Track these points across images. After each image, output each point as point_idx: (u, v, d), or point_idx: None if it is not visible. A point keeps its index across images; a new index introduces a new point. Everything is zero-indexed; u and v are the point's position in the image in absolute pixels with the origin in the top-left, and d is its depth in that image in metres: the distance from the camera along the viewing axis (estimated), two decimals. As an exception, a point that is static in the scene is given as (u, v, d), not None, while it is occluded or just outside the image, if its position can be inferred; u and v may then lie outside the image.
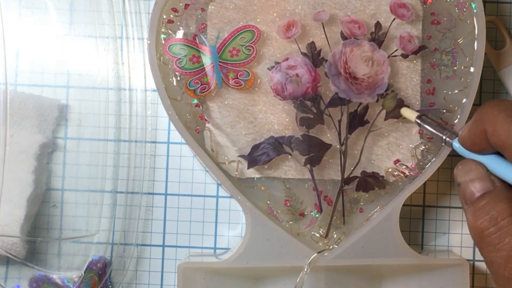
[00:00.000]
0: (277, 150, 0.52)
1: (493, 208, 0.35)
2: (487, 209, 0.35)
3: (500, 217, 0.35)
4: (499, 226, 0.34)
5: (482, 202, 0.36)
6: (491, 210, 0.35)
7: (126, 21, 0.57)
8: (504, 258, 0.34)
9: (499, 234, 0.34)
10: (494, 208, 0.35)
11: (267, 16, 0.53)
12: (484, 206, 0.35)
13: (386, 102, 0.52)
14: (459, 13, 0.53)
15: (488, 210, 0.35)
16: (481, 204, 0.36)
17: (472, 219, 0.36)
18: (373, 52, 0.52)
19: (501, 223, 0.34)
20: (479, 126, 0.36)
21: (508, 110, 0.35)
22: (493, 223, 0.35)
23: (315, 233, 0.53)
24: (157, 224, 0.57)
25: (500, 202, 0.35)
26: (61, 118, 0.56)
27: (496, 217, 0.35)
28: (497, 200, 0.35)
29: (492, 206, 0.35)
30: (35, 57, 0.56)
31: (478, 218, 0.35)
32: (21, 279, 0.55)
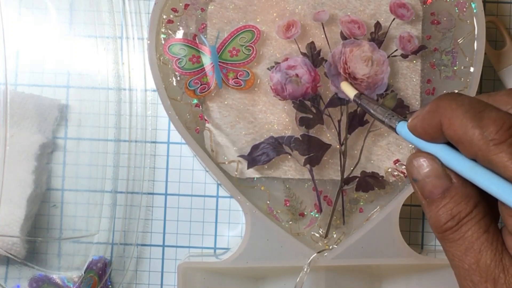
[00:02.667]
0: (277, 150, 0.52)
1: (454, 208, 0.37)
2: (448, 208, 0.37)
3: (461, 215, 0.37)
4: (460, 223, 0.37)
5: (443, 202, 0.37)
6: (453, 210, 0.37)
7: (126, 21, 0.57)
8: (463, 251, 0.36)
9: (459, 230, 0.37)
10: (455, 208, 0.37)
11: (267, 16, 0.53)
12: (445, 206, 0.37)
13: (386, 102, 0.52)
14: (459, 13, 0.53)
15: (449, 209, 0.37)
16: (442, 204, 0.37)
17: (434, 218, 0.37)
18: (373, 52, 0.52)
19: (462, 221, 0.37)
20: (434, 117, 0.37)
21: (466, 105, 0.36)
22: (456, 222, 0.37)
23: (315, 233, 0.53)
24: (157, 224, 0.57)
25: (460, 202, 0.37)
26: (61, 118, 0.56)
27: (458, 216, 0.37)
28: (457, 199, 0.37)
29: (453, 205, 0.37)
30: (35, 57, 0.56)
31: (441, 218, 0.37)
32: (21, 279, 0.55)
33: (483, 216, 0.36)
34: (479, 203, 0.37)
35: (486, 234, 0.36)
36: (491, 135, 0.34)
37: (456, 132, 0.35)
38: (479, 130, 0.34)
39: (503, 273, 0.35)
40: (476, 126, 0.34)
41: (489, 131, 0.34)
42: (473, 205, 0.37)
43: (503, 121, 0.34)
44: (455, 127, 0.35)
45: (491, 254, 0.36)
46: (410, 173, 0.39)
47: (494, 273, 0.35)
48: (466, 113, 0.35)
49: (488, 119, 0.34)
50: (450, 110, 0.36)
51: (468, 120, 0.35)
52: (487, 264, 0.36)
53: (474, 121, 0.35)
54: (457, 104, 0.36)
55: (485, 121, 0.34)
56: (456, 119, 0.35)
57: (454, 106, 0.36)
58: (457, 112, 0.35)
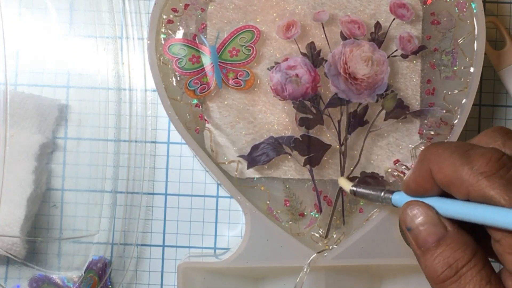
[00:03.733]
0: (277, 150, 0.52)
1: (451, 256, 0.35)
2: (445, 257, 0.35)
3: (459, 264, 0.35)
4: (459, 274, 0.35)
5: (439, 250, 0.36)
6: (449, 258, 0.35)
7: (126, 21, 0.57)
8: None
9: (459, 282, 0.35)
10: (452, 255, 0.35)
11: (267, 16, 0.53)
12: (441, 254, 0.36)
13: (386, 102, 0.52)
14: (459, 13, 0.53)
15: (445, 258, 0.35)
16: (438, 252, 0.36)
17: (430, 267, 0.36)
18: (373, 52, 0.52)
19: (461, 271, 0.35)
20: (424, 166, 0.37)
21: (452, 147, 0.35)
22: (453, 271, 0.35)
23: (314, 233, 0.53)
24: (157, 224, 0.57)
25: (457, 250, 0.35)
26: (61, 118, 0.56)
27: (456, 265, 0.35)
28: (454, 247, 0.35)
29: (450, 253, 0.35)
30: (35, 57, 0.56)
31: (437, 267, 0.35)
32: (21, 279, 0.55)
33: (483, 266, 0.35)
34: (478, 252, 0.35)
35: (489, 286, 0.34)
36: (481, 169, 0.33)
37: (445, 173, 0.35)
38: (468, 166, 0.34)
39: None
40: (464, 163, 0.34)
41: (478, 165, 0.34)
42: (471, 254, 0.35)
43: (491, 154, 0.34)
44: (444, 169, 0.35)
45: None
46: (404, 222, 0.38)
47: None
48: (453, 154, 0.35)
49: (476, 155, 0.34)
50: (437, 155, 0.36)
51: (456, 159, 0.34)
52: None
53: (462, 158, 0.34)
54: (443, 148, 0.36)
55: (473, 157, 0.34)
56: (444, 162, 0.35)
57: (440, 150, 0.36)
58: (444, 155, 0.35)
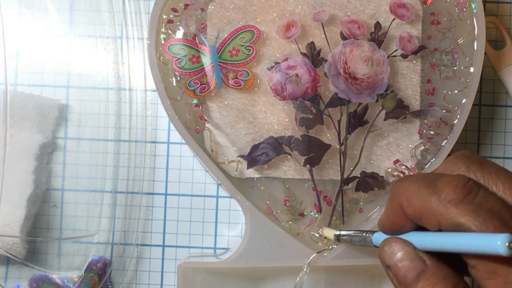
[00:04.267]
0: (277, 150, 0.52)
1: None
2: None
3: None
4: None
5: (420, 284, 0.36)
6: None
7: (126, 21, 0.57)
8: None
9: None
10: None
11: (266, 16, 0.53)
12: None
13: (386, 102, 0.52)
14: (459, 13, 0.53)
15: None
16: (418, 286, 0.36)
17: None
18: (372, 52, 0.52)
19: None
20: (394, 202, 0.36)
21: (418, 180, 0.35)
22: None
23: (314, 233, 0.53)
24: (157, 224, 0.57)
25: (438, 283, 0.35)
26: (61, 118, 0.56)
27: None
28: (434, 281, 0.35)
29: (430, 287, 0.35)
30: (35, 57, 0.56)
31: None
32: (21, 279, 0.55)
33: None
34: (459, 284, 0.35)
35: None
36: (449, 197, 0.33)
37: (415, 206, 0.35)
38: (436, 196, 0.34)
39: None
40: (432, 193, 0.34)
41: (445, 194, 0.33)
42: (452, 286, 0.35)
43: (457, 180, 0.34)
44: (413, 202, 0.35)
45: None
46: (383, 259, 0.37)
47: None
48: (420, 186, 0.35)
49: (442, 183, 0.34)
50: (404, 189, 0.36)
51: (423, 191, 0.34)
52: None
53: (429, 189, 0.34)
54: (409, 181, 0.36)
55: (440, 186, 0.34)
56: (412, 195, 0.35)
57: (407, 184, 0.36)
58: (411, 188, 0.35)
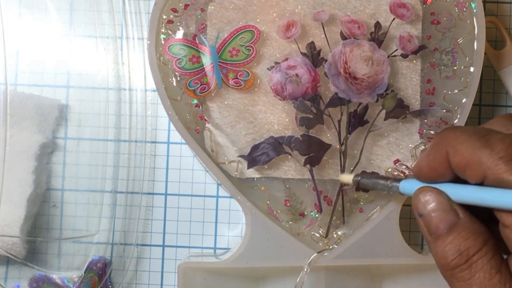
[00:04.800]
0: (277, 150, 0.52)
1: (462, 244, 0.35)
2: (456, 244, 0.35)
3: (470, 252, 0.35)
4: (470, 261, 0.35)
5: (450, 237, 0.36)
6: (461, 245, 0.35)
7: (126, 21, 0.57)
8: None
9: (469, 270, 0.35)
10: (463, 243, 0.35)
11: (266, 16, 0.53)
12: (452, 242, 0.36)
13: (386, 102, 0.52)
14: (459, 13, 0.53)
15: (457, 245, 0.35)
16: (449, 239, 0.36)
17: (441, 254, 0.36)
18: (373, 52, 0.52)
19: (472, 259, 0.35)
20: (439, 149, 0.37)
21: (469, 131, 0.36)
22: (464, 259, 0.35)
23: (315, 233, 0.53)
24: (157, 224, 0.57)
25: (468, 238, 0.35)
26: (61, 118, 0.56)
27: (467, 253, 0.35)
28: (465, 235, 0.35)
29: (461, 241, 0.35)
30: (35, 57, 0.56)
31: (448, 254, 0.35)
32: (21, 279, 0.55)
33: (494, 255, 0.35)
34: (489, 240, 0.35)
35: (499, 275, 0.34)
36: (501, 153, 0.34)
37: (463, 155, 0.35)
38: (488, 150, 0.34)
39: None
40: (484, 146, 0.34)
41: (498, 150, 0.34)
42: (482, 242, 0.35)
43: (510, 139, 0.34)
44: (462, 151, 0.35)
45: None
46: (416, 208, 0.38)
47: None
48: (471, 137, 0.35)
49: (495, 139, 0.34)
50: (454, 138, 0.36)
51: (475, 142, 0.35)
52: None
53: (481, 142, 0.35)
54: (461, 131, 0.36)
55: (493, 141, 0.34)
56: (462, 144, 0.35)
57: (458, 133, 0.36)
58: (462, 138, 0.35)
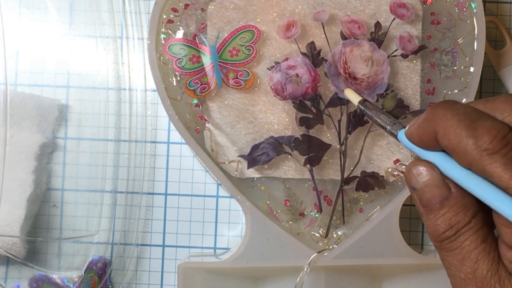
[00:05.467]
0: (277, 150, 0.52)
1: (453, 218, 0.37)
2: (447, 218, 0.37)
3: (459, 225, 0.37)
4: (459, 233, 0.37)
5: (442, 211, 0.37)
6: (451, 219, 0.37)
7: (126, 21, 0.57)
8: (460, 261, 0.36)
9: (457, 240, 0.37)
10: (454, 217, 0.37)
11: (267, 16, 0.53)
12: (443, 215, 0.37)
13: (386, 102, 0.52)
14: (459, 13, 0.53)
15: (447, 219, 0.37)
16: (441, 213, 0.37)
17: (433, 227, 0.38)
18: (373, 52, 0.52)
19: (461, 231, 0.37)
20: (429, 126, 0.37)
21: (460, 114, 0.35)
22: (454, 232, 0.37)
23: (315, 233, 0.53)
24: (157, 224, 0.57)
25: (459, 212, 0.37)
26: (61, 118, 0.56)
27: (456, 226, 0.37)
28: (456, 209, 0.37)
29: (452, 215, 0.37)
30: (35, 57, 0.56)
31: (439, 227, 0.37)
32: (21, 279, 0.55)
33: (481, 226, 0.36)
34: (478, 213, 0.37)
35: (484, 244, 0.36)
36: (485, 145, 0.34)
37: (450, 141, 0.35)
38: (473, 140, 0.34)
39: (499, 284, 0.35)
40: (470, 135, 0.34)
41: (483, 141, 0.34)
42: (471, 215, 0.36)
43: (497, 130, 0.34)
44: (450, 136, 0.35)
45: (488, 264, 0.36)
46: (409, 181, 0.38)
47: (490, 283, 0.35)
48: (460, 122, 0.35)
49: (482, 129, 0.34)
50: (444, 119, 0.36)
51: (463, 130, 0.35)
52: (484, 274, 0.36)
53: (468, 130, 0.34)
54: (452, 113, 0.36)
55: (479, 131, 0.34)
56: (450, 129, 0.35)
57: (449, 115, 0.36)
58: (451, 122, 0.35)
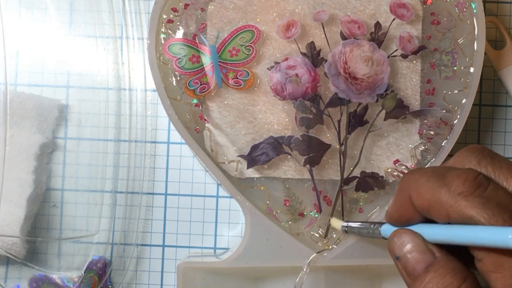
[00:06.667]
0: (277, 150, 0.52)
1: (440, 282, 0.35)
2: (435, 283, 0.35)
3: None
4: None
5: (428, 277, 0.36)
6: (439, 284, 0.35)
7: (126, 21, 0.57)
8: None
9: None
10: (441, 282, 0.35)
11: (267, 16, 0.53)
12: (430, 281, 0.36)
13: (386, 102, 0.52)
14: (459, 13, 0.53)
15: (435, 284, 0.35)
16: (427, 279, 0.36)
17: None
18: (373, 52, 0.52)
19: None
20: (403, 195, 0.37)
21: (428, 172, 0.36)
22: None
23: (314, 233, 0.53)
24: (157, 224, 0.57)
25: (447, 275, 0.35)
26: (61, 118, 0.56)
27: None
28: (443, 273, 0.35)
29: (439, 279, 0.35)
30: (35, 57, 0.56)
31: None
32: (21, 279, 0.55)
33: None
34: (468, 277, 0.35)
35: None
36: (458, 189, 0.34)
37: (424, 198, 0.35)
38: (446, 188, 0.34)
39: None
40: (441, 185, 0.34)
41: (455, 186, 0.34)
42: (461, 279, 0.35)
43: (467, 174, 0.34)
44: (423, 194, 0.35)
45: None
46: (392, 251, 0.38)
47: None
48: (429, 178, 0.35)
49: (452, 176, 0.34)
50: (414, 181, 0.36)
51: (433, 183, 0.35)
52: None
53: (439, 181, 0.34)
54: (419, 174, 0.36)
55: (449, 179, 0.34)
56: (421, 187, 0.35)
57: (417, 176, 0.36)
58: (421, 180, 0.35)
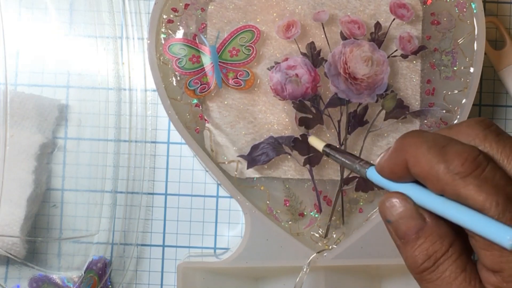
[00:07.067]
0: (277, 150, 0.52)
1: (430, 248, 0.37)
2: (424, 248, 0.37)
3: (437, 255, 0.36)
4: (437, 263, 0.36)
5: (418, 242, 0.37)
6: (429, 249, 0.37)
7: (126, 21, 0.57)
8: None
9: (436, 271, 0.36)
10: (431, 247, 0.37)
11: (267, 16, 0.53)
12: (420, 246, 0.37)
13: (386, 103, 0.52)
14: (459, 14, 0.53)
15: (425, 249, 0.37)
16: (418, 244, 0.37)
17: (411, 259, 0.37)
18: (372, 52, 0.52)
19: (439, 260, 0.36)
20: (399, 156, 0.37)
21: (429, 141, 0.36)
22: (432, 262, 0.36)
23: (314, 233, 0.53)
24: (157, 224, 0.57)
25: (436, 241, 0.37)
26: (61, 118, 0.56)
27: (434, 256, 0.36)
28: (432, 239, 0.37)
29: (429, 245, 0.37)
30: (35, 57, 0.56)
31: (417, 258, 0.37)
32: (21, 279, 0.55)
33: (460, 255, 0.36)
34: (455, 242, 0.36)
35: (464, 273, 0.36)
36: (457, 169, 0.34)
37: (422, 169, 0.35)
38: (444, 165, 0.34)
39: None
40: (441, 161, 0.34)
41: (454, 165, 0.34)
42: (448, 244, 0.36)
43: (467, 153, 0.34)
44: (421, 164, 0.35)
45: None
46: (383, 215, 0.38)
47: None
48: (430, 149, 0.35)
49: (452, 153, 0.34)
50: (414, 148, 0.36)
51: (433, 156, 0.35)
52: None
53: (439, 156, 0.34)
54: (421, 141, 0.36)
55: (450, 155, 0.34)
56: (421, 156, 0.35)
57: (418, 143, 0.36)
58: (421, 149, 0.35)
